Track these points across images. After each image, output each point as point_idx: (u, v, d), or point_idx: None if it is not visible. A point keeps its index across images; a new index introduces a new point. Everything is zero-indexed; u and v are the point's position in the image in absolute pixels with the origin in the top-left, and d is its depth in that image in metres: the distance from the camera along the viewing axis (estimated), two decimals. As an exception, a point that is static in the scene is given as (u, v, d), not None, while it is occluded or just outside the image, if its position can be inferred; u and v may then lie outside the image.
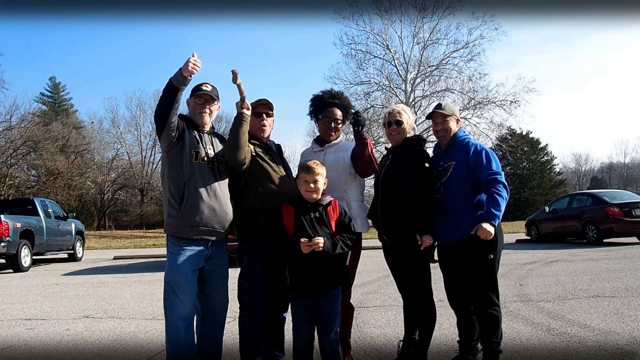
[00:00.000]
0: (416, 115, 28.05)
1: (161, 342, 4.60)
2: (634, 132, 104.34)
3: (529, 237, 16.64)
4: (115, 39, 78.71)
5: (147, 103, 46.94)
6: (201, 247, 3.28)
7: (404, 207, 3.46)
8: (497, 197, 3.30)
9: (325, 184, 3.32)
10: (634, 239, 14.17)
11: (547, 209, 16.18)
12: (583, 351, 3.82)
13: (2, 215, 12.15)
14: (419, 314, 3.59)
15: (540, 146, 45.58)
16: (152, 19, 56.56)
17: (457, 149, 3.56)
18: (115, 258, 16.18)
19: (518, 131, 35.27)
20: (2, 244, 11.78)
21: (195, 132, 3.39)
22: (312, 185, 3.21)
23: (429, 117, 3.72)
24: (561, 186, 45.53)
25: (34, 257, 13.48)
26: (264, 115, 3.63)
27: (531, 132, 41.67)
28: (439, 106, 3.65)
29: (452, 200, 3.45)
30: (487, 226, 3.25)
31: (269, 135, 3.71)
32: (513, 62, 74.89)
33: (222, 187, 3.38)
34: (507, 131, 32.10)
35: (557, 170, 49.89)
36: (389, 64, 29.60)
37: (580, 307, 5.40)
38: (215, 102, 3.48)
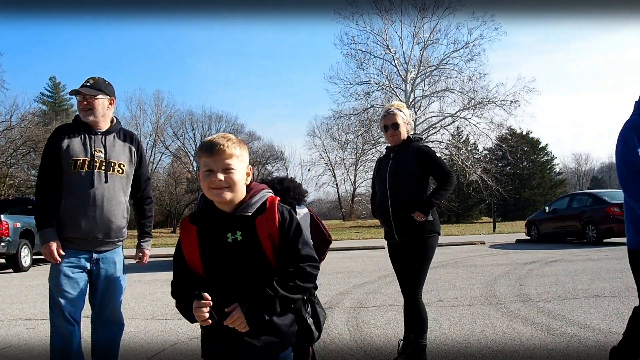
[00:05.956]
0: (416, 115, 28.07)
1: (161, 342, 4.60)
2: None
3: (529, 237, 16.62)
4: (115, 39, 78.79)
5: (147, 103, 47.13)
6: (85, 252, 3.11)
7: (414, 203, 3.48)
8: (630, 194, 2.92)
9: (249, 174, 1.89)
10: (634, 239, 14.15)
11: (547, 208, 16.18)
12: (583, 351, 3.82)
13: (2, 215, 12.14)
14: (412, 311, 3.59)
15: (540, 146, 45.54)
16: (152, 19, 56.59)
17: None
18: (115, 258, 16.13)
19: (518, 131, 35.28)
20: (2, 243, 11.76)
21: (86, 134, 3.10)
22: (220, 177, 1.78)
23: None
24: (561, 186, 45.48)
25: (34, 257, 13.46)
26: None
27: (531, 132, 41.68)
28: None
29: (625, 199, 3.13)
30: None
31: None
32: (513, 62, 75.03)
33: (107, 192, 3.09)
34: (507, 131, 32.13)
35: (557, 170, 49.85)
36: (389, 64, 29.74)
37: (580, 307, 5.39)
38: (98, 97, 3.14)
